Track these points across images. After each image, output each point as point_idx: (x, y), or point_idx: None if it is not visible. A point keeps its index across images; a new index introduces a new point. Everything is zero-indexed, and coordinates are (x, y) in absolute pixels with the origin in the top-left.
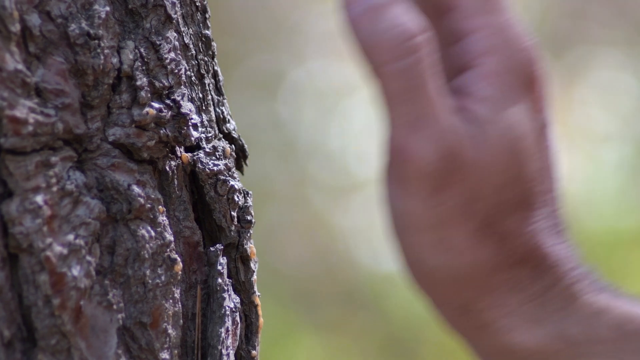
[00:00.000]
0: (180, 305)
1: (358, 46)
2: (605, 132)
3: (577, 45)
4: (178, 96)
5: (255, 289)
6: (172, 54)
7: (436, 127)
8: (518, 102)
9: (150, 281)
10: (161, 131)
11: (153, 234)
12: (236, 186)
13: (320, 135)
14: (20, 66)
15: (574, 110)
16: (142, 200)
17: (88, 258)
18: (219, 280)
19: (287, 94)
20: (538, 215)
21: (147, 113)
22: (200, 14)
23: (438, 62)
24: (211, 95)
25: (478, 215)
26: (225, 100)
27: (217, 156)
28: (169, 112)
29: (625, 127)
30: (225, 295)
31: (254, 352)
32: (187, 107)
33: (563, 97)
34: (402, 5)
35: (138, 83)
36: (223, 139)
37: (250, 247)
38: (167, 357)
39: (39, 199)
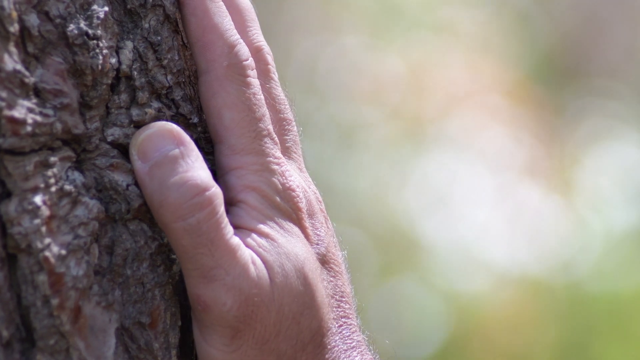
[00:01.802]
0: (179, 306)
1: (148, 201)
2: (612, 200)
3: (590, 118)
4: (177, 96)
5: None
6: (171, 54)
7: (231, 275)
8: (291, 233)
9: (149, 281)
10: None
11: (152, 234)
12: None
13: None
14: (19, 66)
15: (582, 177)
16: (140, 201)
17: (87, 258)
18: None
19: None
20: (333, 341)
21: (146, 113)
22: None
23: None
24: None
25: (275, 353)
26: None
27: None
28: (168, 112)
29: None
30: None
31: None
32: (186, 107)
33: (572, 165)
34: (191, 157)
35: (137, 83)
36: None
37: None
38: (167, 357)
39: (38, 199)
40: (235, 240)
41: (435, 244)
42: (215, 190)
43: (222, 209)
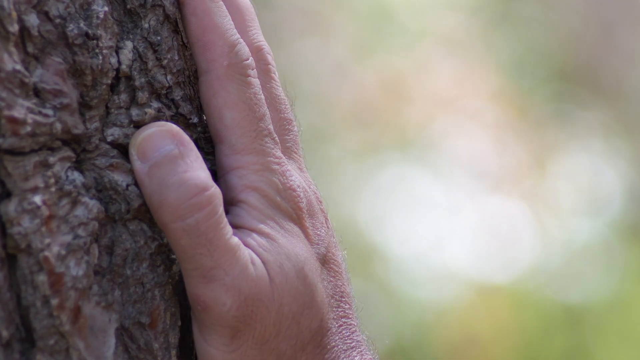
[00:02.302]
0: (179, 306)
1: (147, 201)
2: (578, 209)
3: (557, 123)
4: (177, 96)
5: None
6: (171, 54)
7: (230, 275)
8: (291, 233)
9: (148, 281)
10: None
11: (151, 234)
12: None
13: None
14: (19, 66)
15: (548, 185)
16: (140, 201)
17: (86, 258)
18: None
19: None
20: (333, 341)
21: (146, 113)
22: None
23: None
24: None
25: (274, 353)
26: None
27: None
28: (168, 112)
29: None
30: None
31: None
32: (185, 107)
33: (538, 173)
34: (190, 157)
35: (136, 83)
36: None
37: None
38: (166, 357)
39: (38, 199)
40: (235, 240)
41: (396, 252)
42: (215, 191)
43: (221, 209)
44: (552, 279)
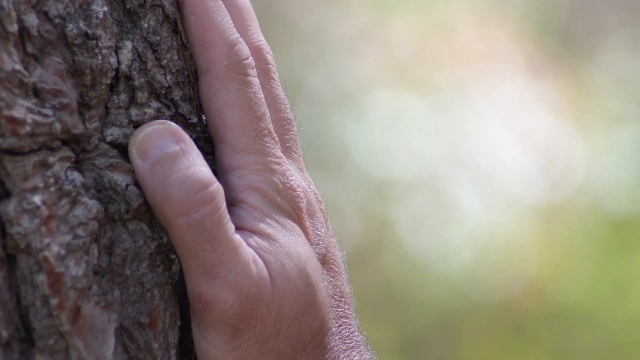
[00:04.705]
0: (178, 306)
1: (150, 198)
2: (620, 114)
3: (585, 31)
4: (176, 96)
5: None
6: (170, 54)
7: (232, 273)
8: (293, 232)
9: (148, 281)
10: None
11: (151, 234)
12: None
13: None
14: (18, 66)
15: (587, 94)
16: (140, 200)
17: (86, 258)
18: None
19: (304, 98)
20: (333, 341)
21: (145, 113)
22: None
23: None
24: None
25: (274, 352)
26: None
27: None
28: (167, 112)
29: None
30: None
31: None
32: (185, 107)
33: (575, 83)
34: (192, 154)
35: (136, 83)
36: None
37: None
38: (166, 357)
39: (37, 199)
40: (237, 237)
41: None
42: (218, 186)
43: (224, 205)
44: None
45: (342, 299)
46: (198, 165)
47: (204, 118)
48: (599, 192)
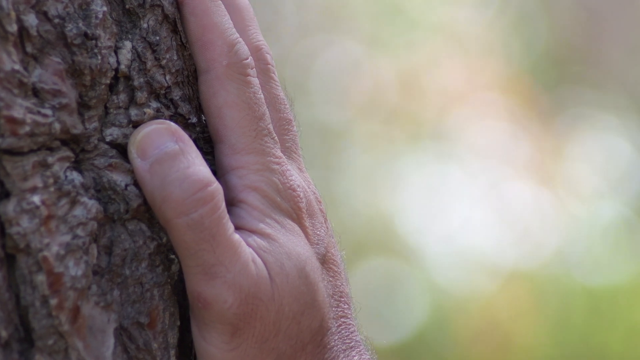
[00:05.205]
0: (177, 306)
1: (149, 198)
2: (599, 190)
3: (570, 108)
4: (175, 96)
5: None
6: (170, 54)
7: (231, 272)
8: (292, 232)
9: (147, 281)
10: None
11: (150, 234)
12: None
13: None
14: (18, 66)
15: (566, 169)
16: (139, 200)
17: (85, 258)
18: None
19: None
20: (333, 341)
21: (145, 113)
22: None
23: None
24: None
25: (274, 352)
26: None
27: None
28: (167, 112)
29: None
30: None
31: None
32: (184, 107)
33: (556, 157)
34: (191, 154)
35: (135, 83)
36: None
37: None
38: (165, 357)
39: (36, 199)
40: (236, 237)
41: (423, 239)
42: (217, 186)
43: (223, 204)
44: (575, 264)
45: (342, 299)
46: (197, 165)
47: (203, 118)
48: (570, 261)
